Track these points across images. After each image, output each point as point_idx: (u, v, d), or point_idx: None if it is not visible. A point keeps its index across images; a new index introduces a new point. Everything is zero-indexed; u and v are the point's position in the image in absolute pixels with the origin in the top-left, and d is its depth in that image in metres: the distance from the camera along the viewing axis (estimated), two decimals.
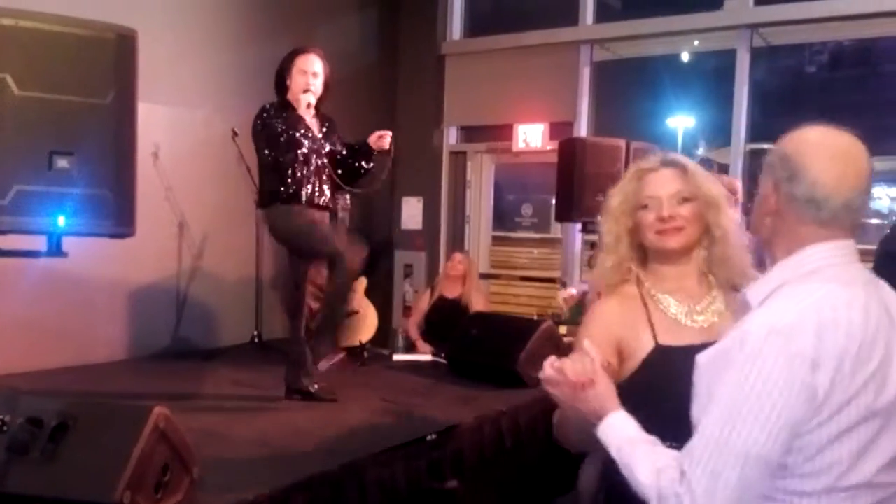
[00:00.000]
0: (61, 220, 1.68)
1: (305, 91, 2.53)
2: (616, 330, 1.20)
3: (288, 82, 2.57)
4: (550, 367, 0.99)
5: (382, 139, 2.70)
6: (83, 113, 1.70)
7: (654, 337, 1.19)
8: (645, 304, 1.23)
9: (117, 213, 1.79)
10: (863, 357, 0.85)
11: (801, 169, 0.90)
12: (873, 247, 1.74)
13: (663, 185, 1.23)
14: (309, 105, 2.54)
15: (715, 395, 0.87)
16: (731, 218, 1.23)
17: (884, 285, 0.94)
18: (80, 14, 1.82)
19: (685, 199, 1.22)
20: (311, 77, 2.56)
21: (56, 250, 1.73)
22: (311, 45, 2.67)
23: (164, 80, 3.38)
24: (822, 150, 0.91)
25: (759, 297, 0.93)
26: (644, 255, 1.28)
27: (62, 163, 1.66)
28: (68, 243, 1.84)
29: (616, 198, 1.26)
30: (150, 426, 1.43)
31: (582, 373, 0.97)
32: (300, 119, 2.53)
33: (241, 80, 3.53)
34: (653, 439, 0.93)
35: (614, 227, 1.25)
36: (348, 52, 4.26)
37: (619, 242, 1.24)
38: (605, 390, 0.98)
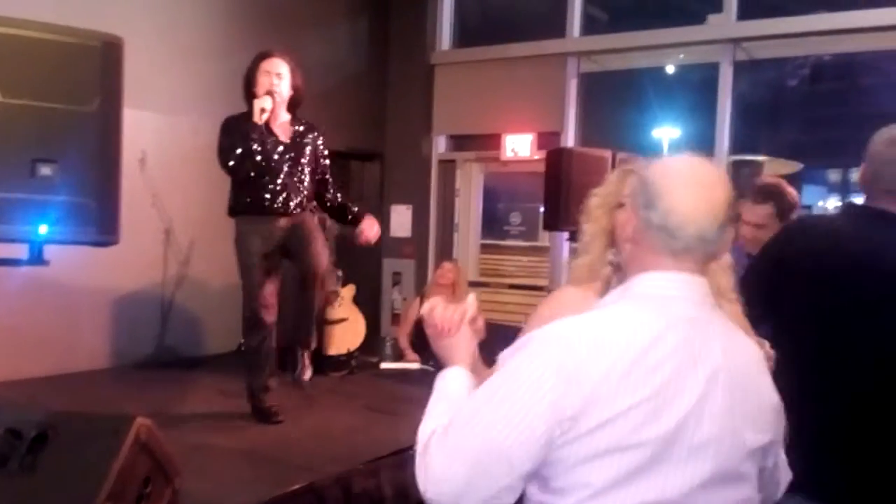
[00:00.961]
0: (43, 229, 1.66)
1: (268, 92, 2.48)
2: (564, 313, 1.19)
3: (254, 88, 2.53)
4: (428, 305, 0.99)
5: (369, 235, 2.72)
6: (67, 120, 1.69)
7: None
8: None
9: (101, 222, 1.77)
10: (630, 384, 0.80)
11: (657, 196, 0.87)
12: None
13: None
14: (263, 110, 2.46)
15: (493, 377, 0.87)
16: None
17: (715, 328, 0.88)
18: (67, 22, 1.82)
19: None
20: (274, 77, 2.51)
21: (37, 259, 1.71)
22: (278, 50, 2.62)
23: (152, 87, 3.36)
24: (679, 178, 0.88)
25: None
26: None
27: (45, 170, 1.64)
28: (51, 250, 1.81)
29: (596, 197, 1.21)
30: (132, 437, 1.42)
31: (447, 320, 0.97)
32: (255, 127, 2.47)
33: (229, 87, 3.51)
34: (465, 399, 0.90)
35: (591, 227, 1.20)
36: (338, 60, 4.28)
37: (594, 241, 1.20)
38: (460, 342, 0.97)
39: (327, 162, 2.69)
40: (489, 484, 0.82)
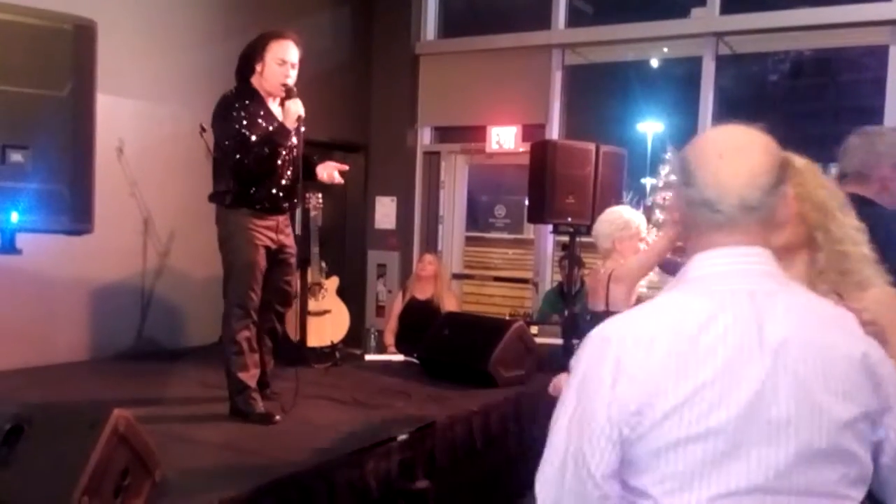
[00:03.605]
0: (14, 216, 1.62)
1: (284, 85, 2.35)
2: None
3: (258, 67, 2.36)
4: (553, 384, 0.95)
5: (332, 174, 2.53)
6: (39, 105, 1.64)
7: None
8: None
9: (74, 210, 1.73)
10: (688, 371, 0.78)
11: (694, 171, 0.84)
12: None
13: None
14: (300, 118, 2.35)
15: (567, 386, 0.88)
16: (841, 223, 1.12)
17: (781, 298, 0.83)
18: (38, 4, 1.76)
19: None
20: (290, 69, 2.37)
21: (9, 247, 1.67)
22: (291, 31, 2.44)
23: (131, 74, 3.29)
24: (713, 148, 0.85)
25: None
26: None
27: (16, 157, 1.60)
28: (30, 239, 1.77)
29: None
30: (109, 429, 1.40)
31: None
32: (284, 132, 2.34)
33: (210, 75, 3.46)
34: None
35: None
36: (321, 50, 4.22)
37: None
38: None
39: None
40: (577, 495, 0.83)
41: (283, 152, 2.41)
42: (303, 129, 2.48)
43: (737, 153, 0.84)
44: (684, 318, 0.82)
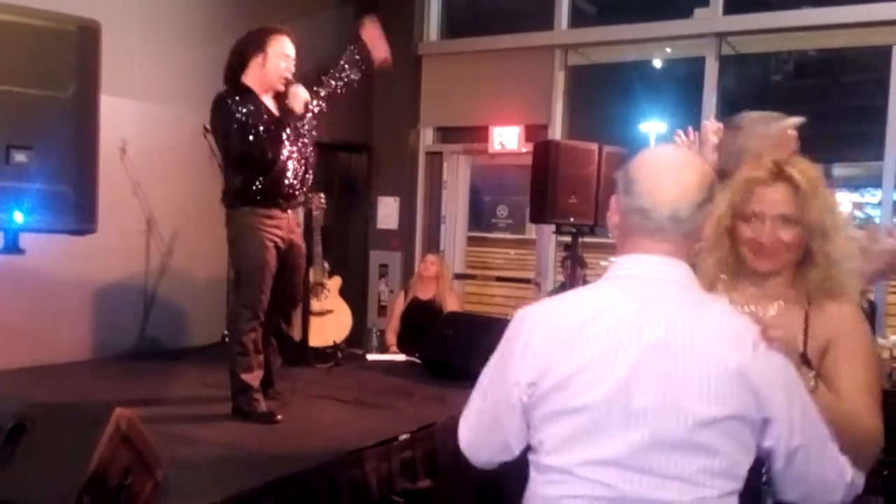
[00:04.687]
0: (18, 217, 1.62)
1: (285, 78, 2.35)
2: None
3: (259, 61, 2.36)
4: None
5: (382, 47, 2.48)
6: (43, 106, 1.65)
7: None
8: None
9: (78, 210, 1.74)
10: (575, 352, 0.91)
11: (633, 181, 0.95)
12: None
13: (772, 204, 1.17)
14: (308, 105, 2.36)
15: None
16: (840, 246, 1.18)
17: (671, 304, 0.92)
18: (42, 5, 1.77)
19: (790, 222, 1.16)
20: (291, 63, 2.39)
21: (13, 247, 1.68)
22: (285, 27, 2.46)
23: (134, 74, 3.30)
24: (652, 163, 0.97)
25: None
26: (737, 259, 1.24)
27: (20, 157, 1.60)
28: (33, 239, 1.78)
29: (721, 204, 1.18)
30: (111, 428, 1.40)
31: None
32: (293, 115, 2.34)
33: (213, 76, 3.46)
34: None
35: (716, 228, 1.19)
36: (324, 49, 4.22)
37: (721, 241, 1.22)
38: None
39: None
40: (488, 441, 1.02)
41: (291, 146, 2.40)
42: (315, 122, 2.45)
43: (672, 171, 0.95)
44: (586, 308, 0.95)
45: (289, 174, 2.41)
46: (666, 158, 0.98)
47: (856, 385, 1.10)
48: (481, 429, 1.02)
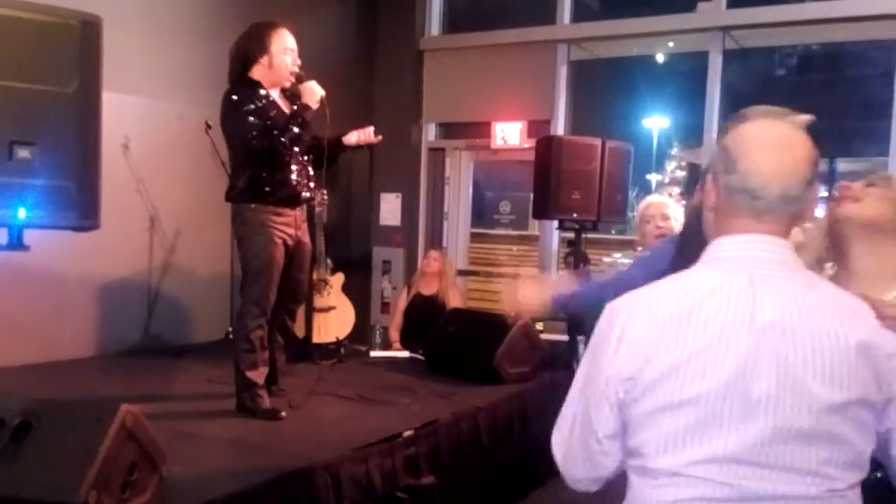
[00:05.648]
0: (22, 213, 1.62)
1: (293, 72, 2.36)
2: None
3: (263, 60, 2.36)
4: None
5: (369, 135, 2.56)
6: (45, 102, 1.65)
7: None
8: None
9: (81, 206, 1.73)
10: (678, 342, 0.84)
11: (736, 159, 0.89)
12: None
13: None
14: (323, 99, 2.36)
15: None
16: None
17: (781, 283, 0.86)
18: (53, 1, 1.76)
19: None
20: (296, 55, 2.39)
21: (17, 243, 1.68)
22: (274, 18, 2.47)
23: (136, 71, 3.30)
24: (757, 139, 0.90)
25: None
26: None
27: (23, 153, 1.60)
28: (37, 236, 1.78)
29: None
30: (117, 424, 1.40)
31: None
32: (307, 109, 2.33)
33: (216, 72, 3.45)
34: None
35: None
36: (326, 45, 4.22)
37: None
38: None
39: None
40: (583, 449, 0.92)
41: (301, 142, 2.40)
42: (327, 114, 2.43)
43: (780, 146, 0.88)
44: (687, 293, 0.87)
45: (296, 171, 2.41)
46: (771, 133, 0.89)
47: None
48: (575, 439, 0.92)
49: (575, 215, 3.37)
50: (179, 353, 3.33)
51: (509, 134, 4.38)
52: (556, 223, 3.73)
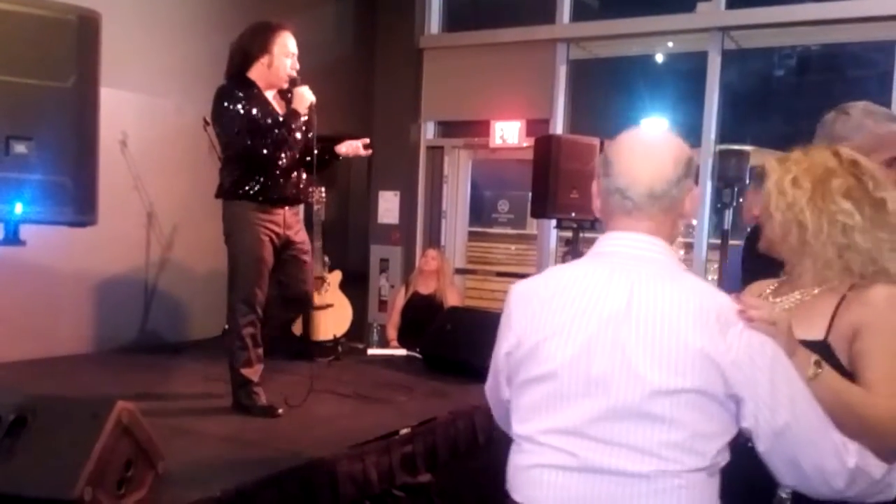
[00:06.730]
0: (18, 208, 1.62)
1: (290, 76, 2.35)
2: None
3: (264, 60, 2.34)
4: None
5: (357, 148, 2.56)
6: (43, 97, 1.64)
7: None
8: None
9: (78, 201, 1.73)
10: (541, 323, 0.96)
11: (611, 163, 0.98)
12: None
13: None
14: (312, 105, 2.36)
15: None
16: (891, 258, 1.08)
17: (638, 276, 0.94)
18: None
19: None
20: (296, 60, 2.39)
21: (13, 238, 1.67)
22: (280, 19, 2.45)
23: (134, 66, 3.28)
24: (627, 145, 1.00)
25: None
26: None
27: (20, 148, 1.60)
28: (34, 232, 1.77)
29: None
30: (113, 421, 1.40)
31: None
32: (296, 115, 2.33)
33: (214, 68, 3.44)
34: None
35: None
36: (324, 43, 4.21)
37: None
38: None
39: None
40: (497, 404, 1.12)
41: (293, 146, 2.39)
42: (314, 121, 2.44)
43: (644, 150, 0.98)
44: (558, 281, 1.00)
45: (283, 173, 2.39)
46: (640, 139, 1.01)
47: (880, 372, 1.01)
48: (493, 398, 1.12)
49: (573, 214, 3.37)
50: (176, 350, 3.33)
51: (508, 133, 4.38)
52: (554, 222, 3.73)
